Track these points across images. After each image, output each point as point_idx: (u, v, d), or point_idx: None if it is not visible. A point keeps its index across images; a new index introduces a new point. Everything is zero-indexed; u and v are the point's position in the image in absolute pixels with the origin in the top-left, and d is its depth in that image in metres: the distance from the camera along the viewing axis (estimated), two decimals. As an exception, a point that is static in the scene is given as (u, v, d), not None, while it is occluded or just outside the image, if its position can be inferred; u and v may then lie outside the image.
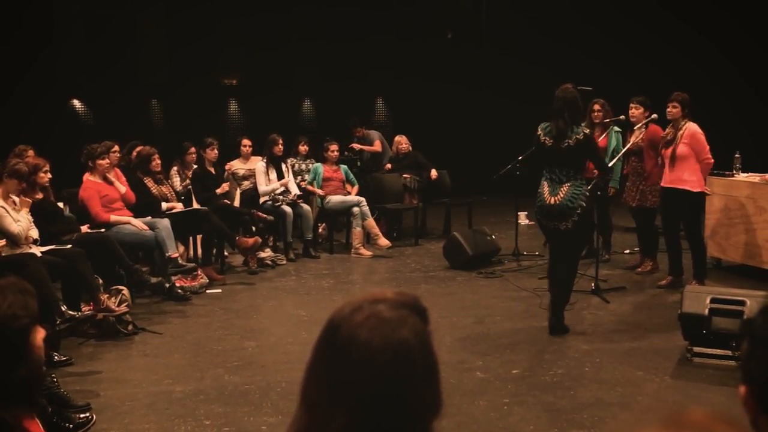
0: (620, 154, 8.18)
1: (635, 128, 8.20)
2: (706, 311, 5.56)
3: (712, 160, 7.55)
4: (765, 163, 8.63)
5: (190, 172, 9.17)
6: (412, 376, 1.30)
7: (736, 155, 8.49)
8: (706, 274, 7.72)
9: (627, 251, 9.51)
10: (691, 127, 7.48)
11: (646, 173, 8.15)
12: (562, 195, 6.18)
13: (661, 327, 6.51)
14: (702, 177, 7.57)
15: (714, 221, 8.56)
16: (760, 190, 8.04)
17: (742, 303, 5.47)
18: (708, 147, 7.50)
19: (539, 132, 6.38)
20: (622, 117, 8.43)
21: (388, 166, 11.38)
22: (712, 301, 5.59)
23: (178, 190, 8.93)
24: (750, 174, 8.41)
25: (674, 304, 6.50)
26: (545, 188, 6.32)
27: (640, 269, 8.51)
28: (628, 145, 8.16)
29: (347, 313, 1.34)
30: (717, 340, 5.55)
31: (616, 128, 8.68)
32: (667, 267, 7.97)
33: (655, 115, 7.95)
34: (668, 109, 7.58)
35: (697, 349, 5.65)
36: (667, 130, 7.68)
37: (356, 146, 11.49)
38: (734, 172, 8.46)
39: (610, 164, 8.20)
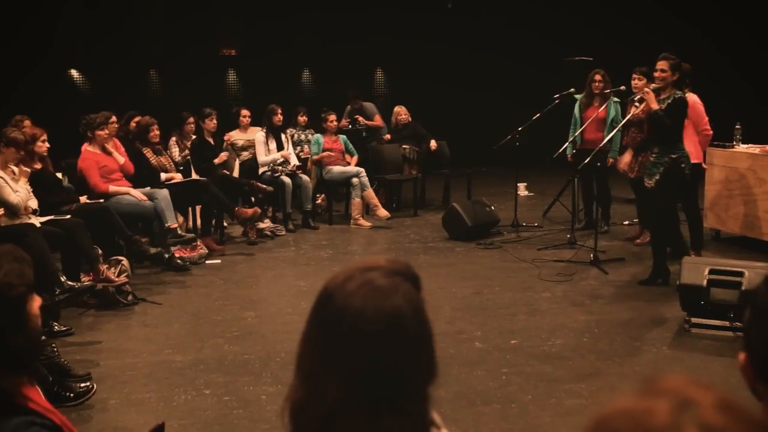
0: (620, 125, 8.15)
1: (635, 98, 8.14)
2: (705, 282, 5.58)
3: (711, 132, 7.53)
4: (765, 134, 8.60)
5: (189, 143, 9.15)
6: (406, 343, 1.30)
7: (737, 126, 8.46)
8: (703, 245, 7.73)
9: (626, 222, 9.51)
10: (691, 97, 7.45)
11: (645, 144, 8.12)
12: None
13: (660, 298, 6.52)
14: (700, 149, 7.55)
15: (714, 193, 8.55)
16: (760, 161, 8.02)
17: (740, 274, 5.49)
18: (707, 118, 7.48)
19: None
20: (623, 87, 8.39)
21: (388, 136, 11.34)
22: (711, 272, 5.60)
23: (176, 160, 8.92)
24: (750, 145, 8.38)
25: (673, 276, 6.51)
26: None
27: (638, 240, 8.51)
28: (627, 116, 8.12)
29: (340, 282, 1.33)
30: (715, 310, 5.57)
31: (615, 99, 8.66)
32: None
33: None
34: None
35: (695, 319, 5.68)
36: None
37: (361, 119, 11.43)
38: (735, 143, 8.44)
39: (609, 135, 8.19)
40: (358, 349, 1.28)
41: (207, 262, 8.06)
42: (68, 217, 6.54)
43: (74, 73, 13.75)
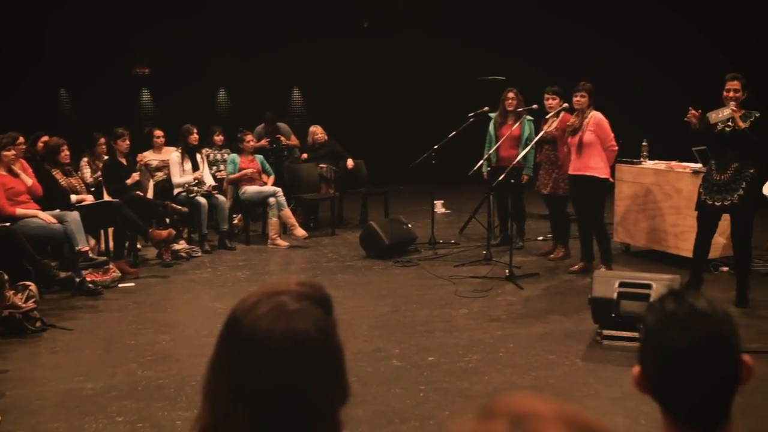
0: (533, 143, 8.33)
1: (547, 117, 8.35)
2: (615, 295, 5.72)
3: (617, 147, 7.77)
4: (670, 150, 8.89)
5: (101, 164, 8.95)
6: (313, 366, 1.29)
7: (644, 143, 8.74)
8: (613, 258, 7.94)
9: (540, 238, 9.70)
10: (597, 115, 7.69)
11: (559, 161, 8.32)
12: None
13: (573, 311, 6.67)
14: (607, 164, 7.77)
15: (623, 208, 8.81)
16: (665, 176, 8.31)
17: (648, 287, 5.64)
18: (612, 135, 7.71)
19: None
20: (535, 106, 8.59)
21: (304, 156, 11.32)
22: (621, 285, 5.76)
23: (88, 182, 8.71)
24: (656, 161, 8.67)
25: (585, 289, 6.66)
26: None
27: (552, 255, 8.70)
28: (540, 134, 8.31)
29: (249, 306, 1.32)
30: (625, 322, 5.71)
31: (529, 117, 8.85)
32: (579, 253, 8.17)
33: (566, 104, 8.09)
34: (576, 99, 7.74)
35: (606, 332, 5.82)
36: (572, 119, 7.85)
37: (283, 139, 11.39)
38: (642, 159, 8.71)
39: (523, 152, 8.34)
40: (264, 374, 1.27)
41: (120, 285, 7.86)
42: (-28, 241, 6.31)
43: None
